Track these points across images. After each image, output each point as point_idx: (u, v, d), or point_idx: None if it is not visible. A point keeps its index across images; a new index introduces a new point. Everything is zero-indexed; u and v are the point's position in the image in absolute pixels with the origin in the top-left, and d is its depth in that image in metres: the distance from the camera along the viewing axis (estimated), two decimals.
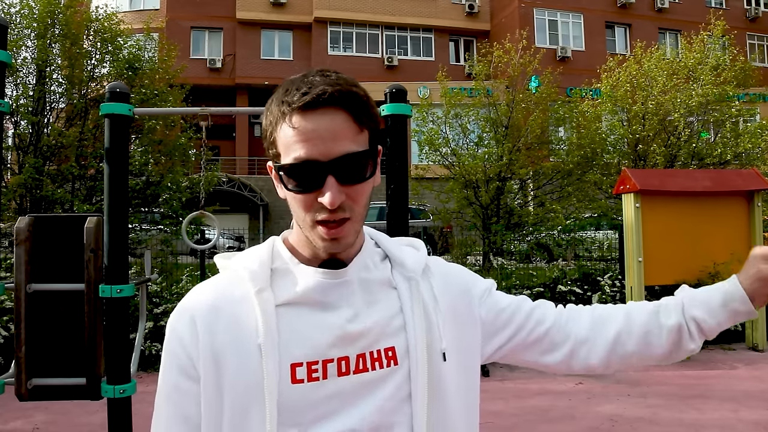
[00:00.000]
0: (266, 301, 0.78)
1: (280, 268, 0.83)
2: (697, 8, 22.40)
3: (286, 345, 0.77)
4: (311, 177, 0.75)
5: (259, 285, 0.79)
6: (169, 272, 6.90)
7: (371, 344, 0.80)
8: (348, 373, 0.78)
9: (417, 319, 0.83)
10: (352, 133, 0.76)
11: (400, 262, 0.88)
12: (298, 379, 0.76)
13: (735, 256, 6.20)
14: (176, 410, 0.80)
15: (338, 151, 0.74)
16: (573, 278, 6.78)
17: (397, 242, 0.93)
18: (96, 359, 2.39)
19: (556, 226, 9.41)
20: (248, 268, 0.81)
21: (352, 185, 0.76)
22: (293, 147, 0.74)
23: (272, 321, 0.77)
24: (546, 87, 10.24)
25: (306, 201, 0.76)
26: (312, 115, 0.73)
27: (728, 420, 4.14)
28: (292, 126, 0.74)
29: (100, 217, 2.45)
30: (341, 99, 0.74)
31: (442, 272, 0.93)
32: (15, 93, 7.35)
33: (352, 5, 23.15)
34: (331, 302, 0.80)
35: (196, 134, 8.28)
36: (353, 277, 0.82)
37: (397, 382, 0.80)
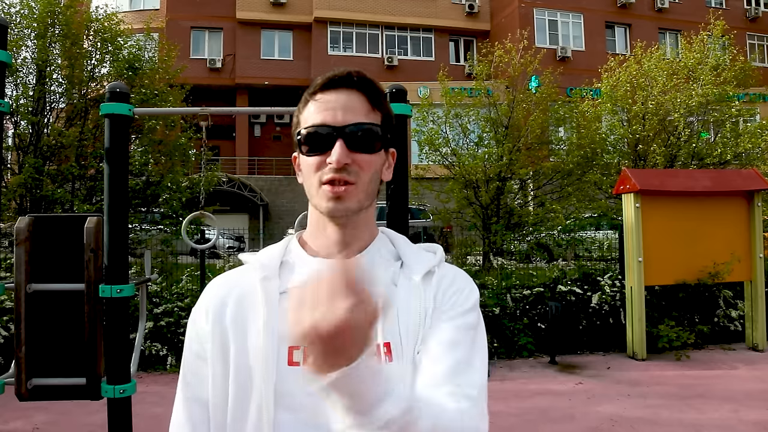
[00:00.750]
0: (270, 287, 0.84)
1: (290, 260, 0.89)
2: (697, 8, 22.39)
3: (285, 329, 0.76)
4: (323, 139, 0.82)
5: (265, 273, 0.85)
6: (169, 272, 6.89)
7: None
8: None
9: (411, 319, 0.84)
10: (365, 110, 0.84)
11: (409, 264, 0.90)
12: (295, 361, 0.79)
13: (735, 256, 6.21)
14: (192, 393, 0.86)
15: (349, 120, 0.82)
16: (573, 278, 6.77)
17: (417, 248, 0.95)
18: (96, 359, 2.39)
19: (556, 226, 9.41)
20: (259, 260, 0.88)
21: (358, 153, 0.82)
22: (312, 117, 0.84)
23: (274, 305, 0.82)
24: (546, 87, 10.24)
25: (317, 162, 0.83)
26: (332, 91, 0.84)
27: (728, 420, 4.13)
28: (314, 100, 0.85)
29: (100, 217, 2.45)
30: (359, 82, 0.84)
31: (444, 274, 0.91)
32: (15, 93, 7.35)
33: (352, 5, 23.15)
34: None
35: (196, 134, 8.28)
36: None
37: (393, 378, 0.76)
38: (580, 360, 6.05)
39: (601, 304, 6.44)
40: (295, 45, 23.86)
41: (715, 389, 4.92)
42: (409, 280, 0.88)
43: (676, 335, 6.06)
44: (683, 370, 5.57)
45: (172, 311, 5.83)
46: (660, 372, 5.51)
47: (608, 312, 6.46)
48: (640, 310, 5.98)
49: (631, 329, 6.09)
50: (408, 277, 0.89)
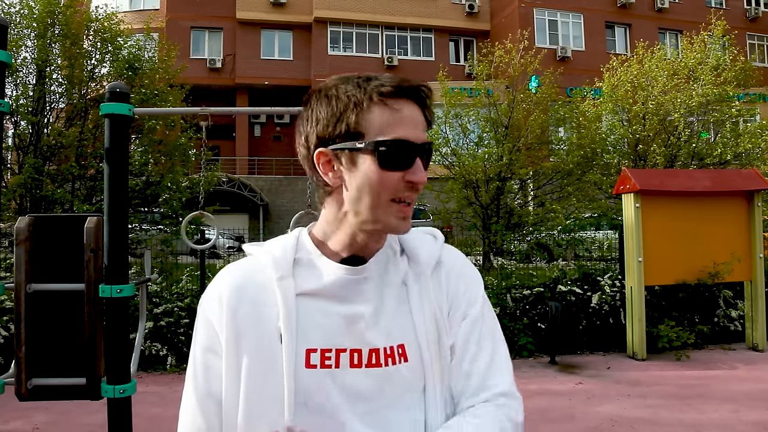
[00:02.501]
0: (287, 288, 0.83)
1: (303, 258, 0.87)
2: (697, 8, 22.40)
3: (303, 331, 0.81)
4: (405, 156, 0.79)
5: (281, 272, 0.84)
6: (169, 272, 6.89)
7: (384, 340, 0.83)
8: (360, 366, 0.81)
9: (427, 318, 0.85)
10: (424, 126, 0.83)
11: (414, 256, 0.90)
12: (312, 364, 0.80)
13: (735, 256, 6.21)
14: (203, 387, 0.85)
15: (424, 138, 0.81)
16: (573, 278, 6.77)
17: (417, 232, 0.95)
18: (96, 359, 2.39)
19: (556, 226, 9.41)
20: (272, 255, 0.86)
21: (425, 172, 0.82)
22: (389, 128, 0.79)
23: (292, 307, 0.82)
24: (546, 87, 10.24)
25: (392, 179, 0.79)
26: (403, 101, 0.80)
27: (728, 420, 4.13)
28: (391, 108, 0.79)
29: (100, 217, 2.45)
30: (425, 97, 0.82)
31: (452, 266, 0.93)
32: (15, 93, 7.35)
33: (352, 5, 23.15)
34: (349, 297, 0.84)
35: (196, 134, 8.28)
36: (372, 274, 0.86)
37: (409, 378, 0.83)
38: (580, 360, 6.05)
39: (601, 304, 6.44)
40: (295, 45, 23.85)
41: (715, 389, 4.92)
42: (418, 277, 0.88)
43: (676, 335, 6.06)
44: (683, 370, 5.57)
45: (172, 311, 5.83)
46: (660, 372, 5.51)
47: (608, 312, 6.46)
48: (640, 310, 5.98)
49: (631, 329, 6.09)
50: (417, 273, 0.89)
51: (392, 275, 0.88)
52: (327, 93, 0.83)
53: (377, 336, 0.83)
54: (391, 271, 0.88)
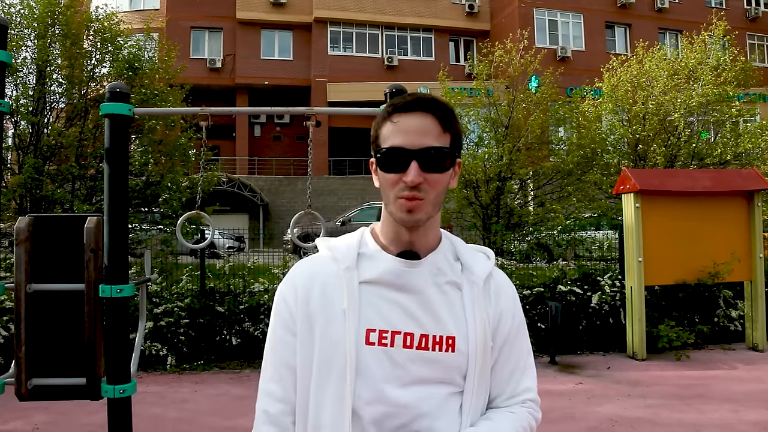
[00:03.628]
0: (351, 277, 0.99)
1: (365, 253, 1.03)
2: (697, 8, 22.40)
3: (364, 313, 0.97)
4: (400, 161, 0.94)
5: (347, 264, 1.00)
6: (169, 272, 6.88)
7: (435, 329, 0.97)
8: (411, 347, 0.96)
9: (477, 319, 1.00)
10: (437, 133, 0.96)
11: (469, 266, 1.05)
12: (371, 341, 0.95)
13: (735, 256, 6.21)
14: (281, 359, 1.02)
15: (423, 144, 0.94)
16: (573, 278, 6.77)
17: (471, 248, 1.10)
18: (96, 359, 2.39)
19: (556, 226, 9.40)
20: (339, 250, 1.03)
21: (430, 173, 0.95)
22: (391, 137, 0.96)
23: (355, 292, 0.97)
24: (546, 87, 10.24)
25: (393, 180, 0.95)
26: (409, 115, 0.96)
27: (728, 420, 4.13)
28: (392, 122, 0.97)
29: (100, 217, 2.45)
30: (432, 105, 0.97)
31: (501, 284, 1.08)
32: (15, 93, 7.35)
33: (352, 5, 23.14)
34: (404, 285, 0.98)
35: (196, 134, 8.27)
36: (425, 268, 1.00)
37: (453, 366, 0.97)
38: (580, 360, 6.05)
39: (601, 304, 6.44)
40: (295, 45, 23.85)
41: (715, 389, 4.92)
42: (472, 285, 1.02)
43: (676, 335, 6.06)
44: (683, 370, 5.56)
45: (172, 311, 5.83)
46: (660, 372, 5.51)
47: (608, 312, 6.45)
48: (640, 310, 5.98)
49: (631, 329, 6.09)
50: (471, 281, 1.03)
51: (447, 276, 1.01)
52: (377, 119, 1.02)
53: (428, 324, 0.97)
54: (446, 272, 1.01)
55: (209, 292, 6.15)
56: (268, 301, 6.00)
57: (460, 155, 1.04)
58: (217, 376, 5.43)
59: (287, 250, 11.52)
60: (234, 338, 5.82)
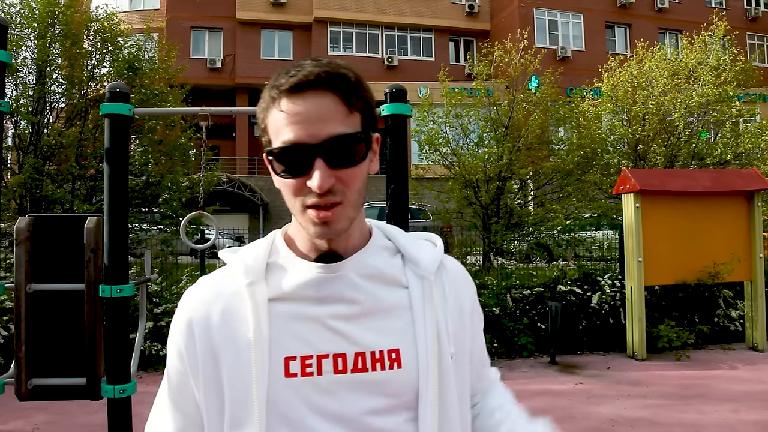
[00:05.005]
0: (257, 294, 0.78)
1: (276, 262, 0.82)
2: (697, 8, 22.41)
3: (278, 339, 0.76)
4: (299, 160, 0.72)
5: (251, 278, 0.79)
6: (169, 272, 6.89)
7: (372, 344, 0.77)
8: (345, 371, 0.76)
9: (428, 323, 0.80)
10: (342, 115, 0.73)
11: (413, 259, 0.84)
12: (291, 373, 0.75)
13: (735, 256, 6.21)
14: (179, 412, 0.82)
15: (326, 133, 0.72)
16: (573, 278, 6.77)
17: (412, 237, 0.90)
18: (96, 359, 2.39)
19: (556, 226, 9.41)
20: (244, 261, 0.81)
21: (342, 168, 0.73)
22: (282, 131, 0.73)
23: (263, 314, 0.76)
24: (546, 87, 10.24)
25: (296, 185, 0.74)
26: (300, 97, 0.72)
27: (728, 420, 4.13)
28: (280, 109, 0.73)
29: (100, 217, 2.45)
30: (328, 80, 0.72)
31: (457, 277, 0.90)
32: (15, 93, 7.35)
33: (352, 5, 23.15)
34: (327, 297, 0.78)
35: (196, 134, 8.28)
36: (351, 272, 0.79)
37: (401, 386, 0.78)
38: (580, 360, 6.05)
39: (601, 304, 6.44)
40: (295, 45, 23.86)
41: (715, 389, 4.92)
42: (421, 280, 0.83)
43: (676, 335, 6.06)
44: (683, 370, 5.56)
45: (172, 311, 5.83)
46: (660, 372, 5.51)
47: (608, 312, 6.46)
48: (640, 310, 5.98)
49: (631, 329, 6.09)
50: (419, 276, 0.83)
51: (383, 274, 0.81)
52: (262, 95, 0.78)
53: (363, 338, 0.77)
54: (381, 270, 0.81)
55: None
56: None
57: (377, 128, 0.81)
58: None
59: None
60: None
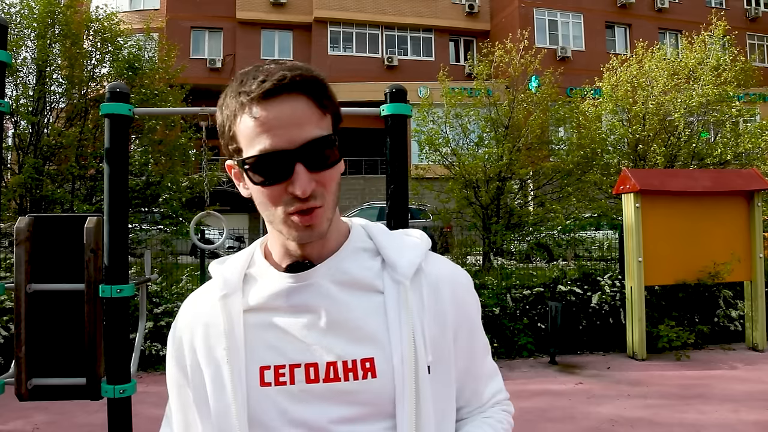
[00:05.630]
0: (231, 306, 0.79)
1: (253, 273, 0.83)
2: (697, 8, 22.40)
3: (253, 349, 0.78)
4: (279, 167, 0.71)
5: (226, 290, 0.80)
6: (169, 272, 6.90)
7: (345, 353, 0.76)
8: (317, 381, 0.76)
9: (404, 330, 0.77)
10: (316, 117, 0.73)
11: (392, 262, 0.81)
12: (266, 382, 0.76)
13: (735, 256, 6.21)
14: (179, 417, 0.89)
15: (304, 137, 0.71)
16: (573, 278, 6.77)
17: (397, 235, 0.87)
18: (96, 359, 2.39)
19: (556, 226, 9.41)
20: (222, 274, 0.83)
21: (321, 171, 0.73)
22: (257, 139, 0.71)
23: (237, 325, 0.78)
24: (546, 87, 10.24)
25: (275, 193, 0.73)
26: (273, 102, 0.70)
27: (728, 420, 4.13)
28: (252, 116, 0.70)
29: (100, 217, 2.45)
30: (302, 84, 0.71)
31: (437, 279, 0.84)
32: (15, 93, 7.35)
33: (352, 5, 23.15)
34: (297, 306, 0.78)
35: (196, 134, 8.28)
36: (322, 280, 0.79)
37: (374, 396, 0.76)
38: (580, 360, 6.05)
39: (601, 304, 6.44)
40: (295, 45, 23.86)
41: (715, 389, 4.92)
42: (397, 285, 0.80)
43: (676, 335, 6.06)
44: (683, 370, 5.57)
45: (172, 311, 5.83)
46: (660, 372, 5.51)
47: (608, 312, 6.46)
48: (640, 310, 5.98)
49: (631, 329, 6.09)
50: (395, 281, 0.80)
51: (357, 280, 0.80)
52: (221, 99, 0.77)
53: (336, 347, 0.76)
54: (355, 276, 0.80)
55: None
56: None
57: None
58: None
59: None
60: None
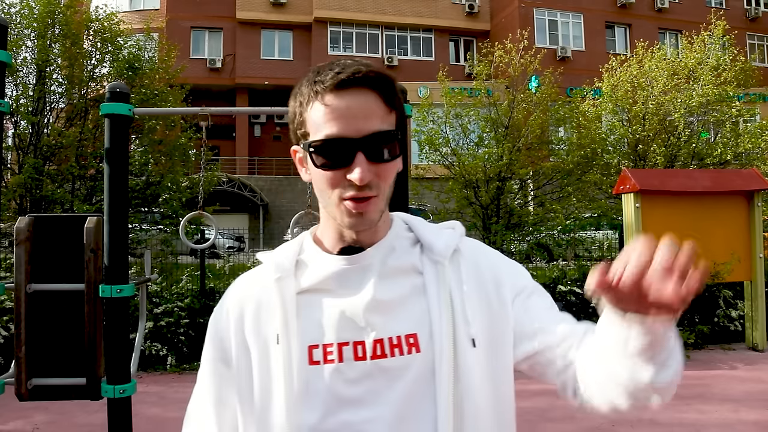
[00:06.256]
0: (285, 288, 0.83)
1: (305, 258, 0.87)
2: (697, 8, 22.40)
3: (304, 328, 0.81)
4: (341, 153, 0.76)
5: (280, 273, 0.84)
6: (169, 272, 6.89)
7: (390, 330, 0.80)
8: (364, 358, 0.79)
9: (443, 306, 0.81)
10: (383, 112, 0.78)
11: (429, 246, 0.86)
12: (315, 360, 0.79)
13: (735, 256, 6.21)
14: (215, 394, 0.87)
15: (369, 129, 0.76)
16: (573, 278, 6.77)
17: (435, 226, 0.92)
18: (96, 359, 2.39)
19: (556, 226, 9.40)
20: (274, 259, 0.87)
21: (380, 163, 0.77)
22: (325, 125, 0.76)
23: (291, 306, 0.82)
24: (546, 87, 10.23)
25: (334, 178, 0.77)
26: (345, 93, 0.76)
27: (728, 420, 4.13)
28: (324, 104, 0.76)
29: (100, 217, 2.45)
30: (374, 80, 0.76)
31: (474, 256, 0.89)
32: (15, 93, 7.35)
33: (352, 5, 23.15)
34: (349, 287, 0.82)
35: (196, 134, 8.27)
36: (373, 262, 0.83)
37: (420, 370, 0.79)
38: None
39: None
40: (295, 45, 23.87)
41: (715, 389, 4.92)
42: (435, 265, 0.84)
43: None
44: (683, 370, 5.56)
45: (172, 311, 5.83)
46: None
47: None
48: None
49: None
50: (433, 261, 0.85)
51: (401, 263, 0.84)
52: (295, 89, 0.83)
53: (382, 325, 0.80)
54: (399, 259, 0.85)
55: (209, 292, 6.16)
56: None
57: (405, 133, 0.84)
58: None
59: None
60: None
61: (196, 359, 5.74)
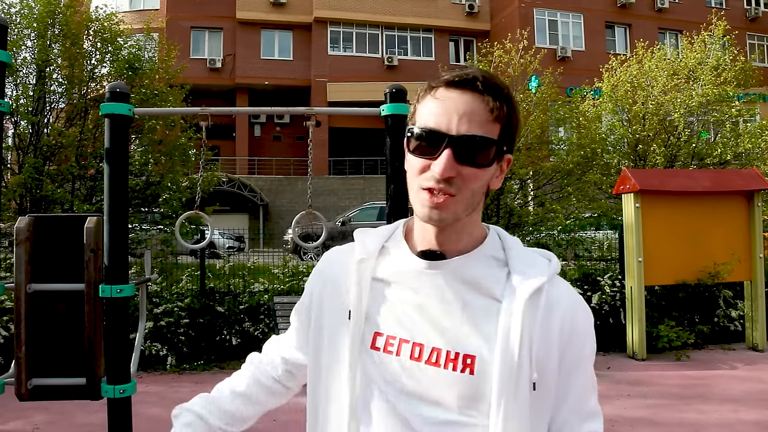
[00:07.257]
0: (364, 271, 0.88)
1: (390, 246, 0.90)
2: (697, 8, 22.40)
3: (373, 314, 0.86)
4: (431, 144, 0.79)
5: (363, 256, 0.89)
6: (169, 272, 6.89)
7: (451, 344, 0.81)
8: (419, 360, 0.81)
9: (512, 342, 0.78)
10: (484, 119, 0.78)
11: (516, 276, 0.83)
12: (376, 346, 0.84)
13: (735, 256, 6.21)
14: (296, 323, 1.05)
15: (464, 130, 0.78)
16: (573, 278, 6.77)
17: (529, 253, 0.88)
18: (96, 359, 2.39)
19: (556, 226, 9.40)
20: (364, 241, 0.91)
21: (466, 165, 0.78)
22: (428, 116, 0.80)
23: (365, 289, 0.87)
24: (546, 87, 10.23)
25: (420, 165, 0.80)
26: (454, 91, 0.79)
27: (728, 420, 4.14)
28: (434, 97, 0.80)
29: (100, 217, 2.45)
30: (483, 85, 0.78)
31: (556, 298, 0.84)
32: (15, 93, 7.34)
33: (352, 5, 23.15)
34: (422, 289, 0.84)
35: (196, 134, 8.27)
36: (450, 272, 0.83)
37: (466, 392, 0.79)
38: None
39: (601, 304, 6.44)
40: (295, 45, 23.86)
41: (715, 389, 4.92)
42: (515, 298, 0.81)
43: (676, 335, 6.06)
44: (683, 370, 5.56)
45: (172, 311, 5.83)
46: (660, 372, 5.51)
47: (608, 312, 6.45)
48: (640, 310, 5.98)
49: (631, 329, 6.09)
50: (514, 294, 0.81)
51: (482, 283, 0.82)
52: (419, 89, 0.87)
53: (444, 337, 0.81)
54: (482, 278, 0.83)
55: (209, 292, 6.16)
56: (267, 301, 6.00)
57: (512, 151, 0.85)
58: (217, 376, 5.42)
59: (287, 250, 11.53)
60: (234, 338, 5.83)
61: (196, 359, 5.74)
